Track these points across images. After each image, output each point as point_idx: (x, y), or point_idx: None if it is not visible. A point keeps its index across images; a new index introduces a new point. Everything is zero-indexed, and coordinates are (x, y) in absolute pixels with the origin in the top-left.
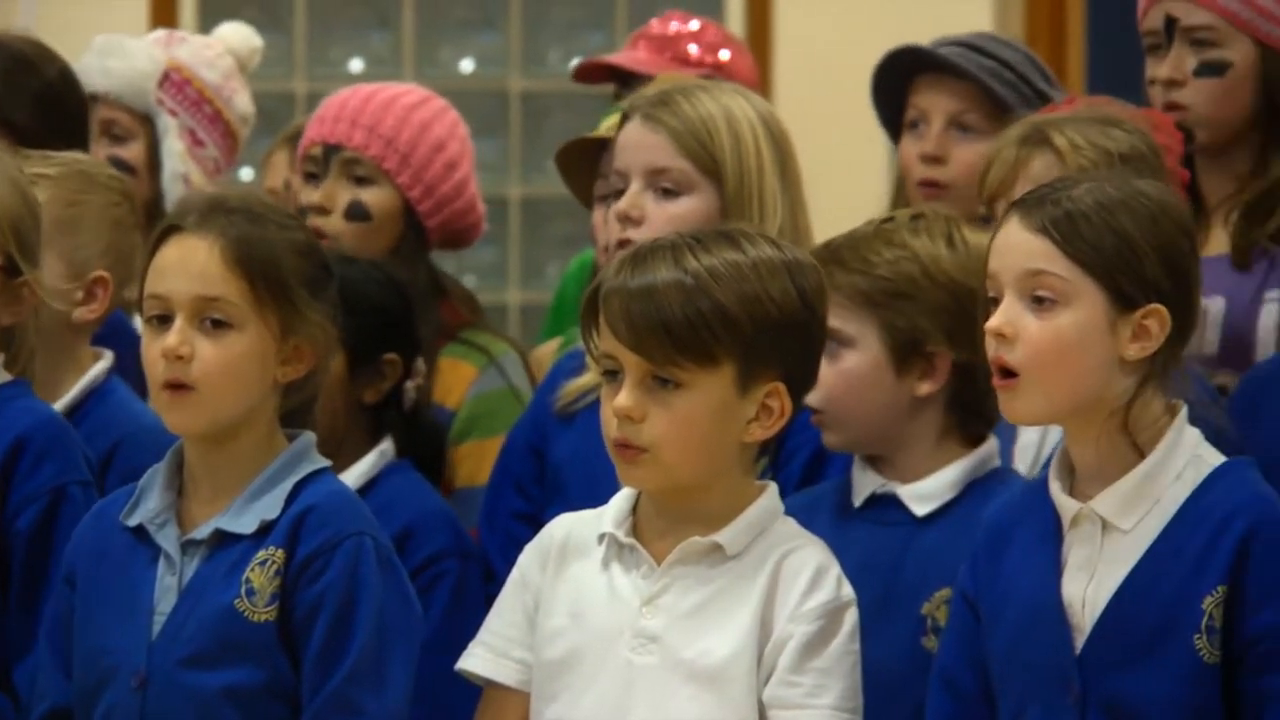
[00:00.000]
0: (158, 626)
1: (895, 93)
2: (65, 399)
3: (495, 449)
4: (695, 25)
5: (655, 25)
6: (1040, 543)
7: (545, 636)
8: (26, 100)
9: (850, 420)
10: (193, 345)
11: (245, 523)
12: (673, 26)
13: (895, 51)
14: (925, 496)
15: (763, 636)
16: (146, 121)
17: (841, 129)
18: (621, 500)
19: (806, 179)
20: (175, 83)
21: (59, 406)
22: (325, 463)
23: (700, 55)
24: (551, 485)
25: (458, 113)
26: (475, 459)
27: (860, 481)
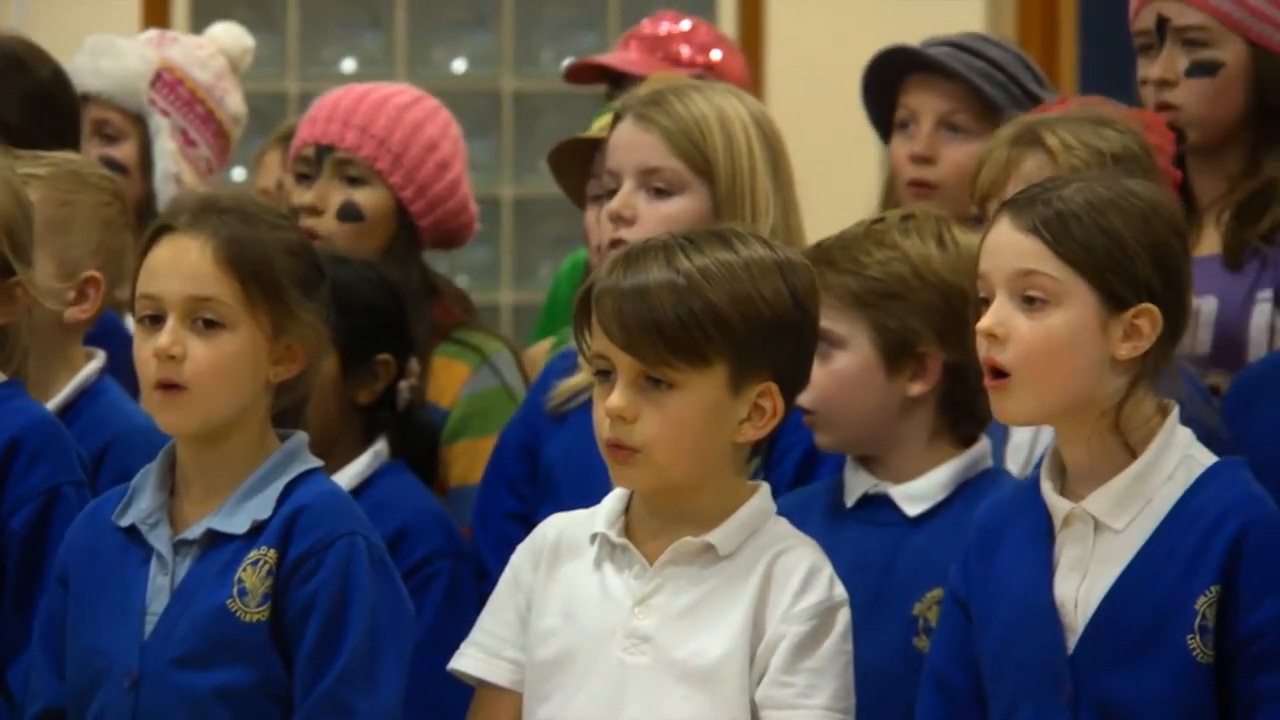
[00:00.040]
0: (150, 626)
1: (885, 93)
2: (57, 399)
3: (489, 448)
4: (687, 25)
5: (647, 25)
6: (1032, 543)
7: (537, 636)
8: (18, 100)
9: (842, 421)
10: (185, 345)
11: (237, 523)
12: (664, 27)
13: (885, 51)
14: (917, 497)
15: (755, 637)
16: (138, 121)
17: (833, 129)
18: (614, 500)
19: (798, 179)
20: (167, 83)
21: (51, 406)
22: (317, 463)
23: (692, 55)
24: (544, 485)
25: (450, 113)
26: (469, 458)
27: (852, 482)
